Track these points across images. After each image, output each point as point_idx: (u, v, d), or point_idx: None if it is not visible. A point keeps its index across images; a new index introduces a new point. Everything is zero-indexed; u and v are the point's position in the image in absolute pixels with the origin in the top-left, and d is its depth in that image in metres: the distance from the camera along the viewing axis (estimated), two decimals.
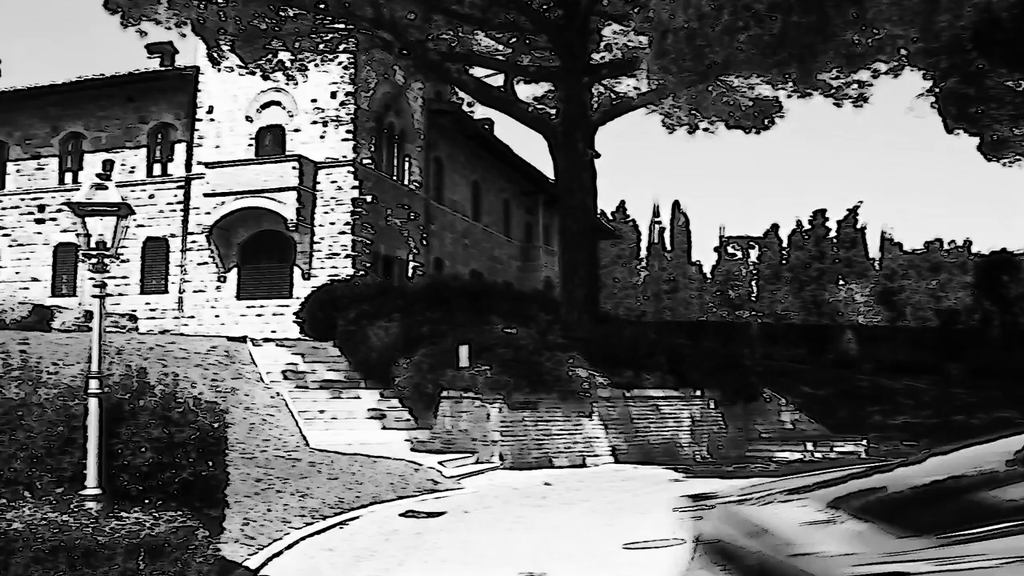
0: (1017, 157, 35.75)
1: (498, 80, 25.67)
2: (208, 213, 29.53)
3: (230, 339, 22.06)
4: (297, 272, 29.32)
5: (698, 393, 20.64)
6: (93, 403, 6.51)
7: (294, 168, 28.73)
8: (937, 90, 32.22)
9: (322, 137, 29.50)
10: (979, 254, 53.75)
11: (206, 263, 30.02)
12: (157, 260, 31.50)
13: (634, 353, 19.81)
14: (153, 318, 30.44)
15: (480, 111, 35.74)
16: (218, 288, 29.99)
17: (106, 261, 6.87)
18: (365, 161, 29.89)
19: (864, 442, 20.07)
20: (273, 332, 27.33)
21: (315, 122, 29.34)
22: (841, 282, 70.89)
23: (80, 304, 28.27)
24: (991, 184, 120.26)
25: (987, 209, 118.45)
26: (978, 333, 39.51)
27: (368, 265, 29.67)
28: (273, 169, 29.02)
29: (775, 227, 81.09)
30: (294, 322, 25.83)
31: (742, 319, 60.07)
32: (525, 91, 38.31)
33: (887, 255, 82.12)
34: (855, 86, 22.42)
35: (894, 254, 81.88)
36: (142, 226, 31.12)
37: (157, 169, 32.12)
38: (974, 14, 22.58)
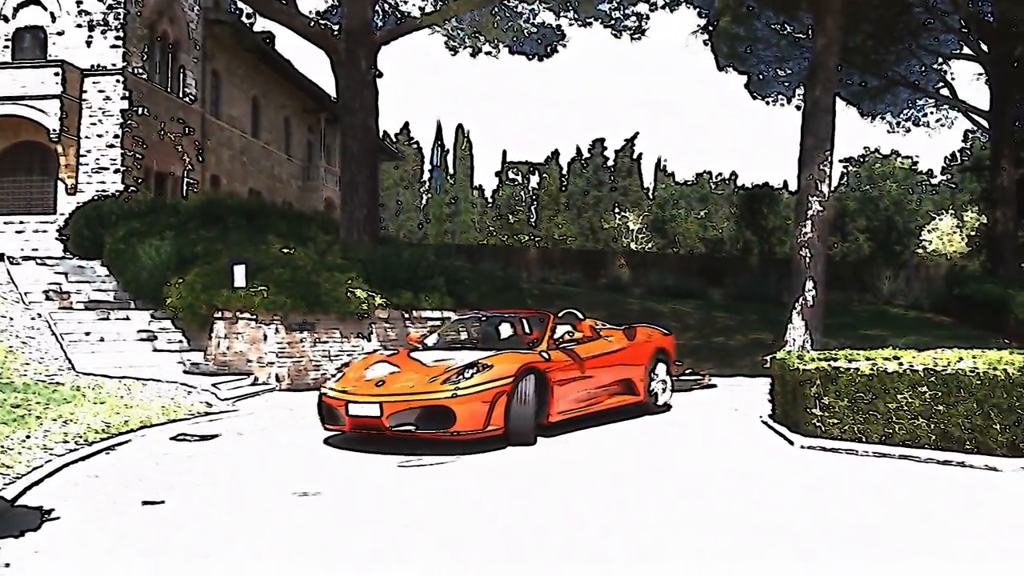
0: (780, 97, 37.91)
1: None
2: None
3: None
4: (61, 187, 27.70)
5: None
6: None
7: (56, 75, 26.93)
8: (711, 28, 33.62)
9: (88, 43, 27.72)
10: (743, 187, 56.82)
11: None
12: None
13: (413, 275, 19.92)
14: None
15: (261, 23, 34.53)
16: None
17: None
18: (136, 71, 28.36)
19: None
20: (35, 250, 25.86)
21: (80, 26, 27.51)
22: (617, 210, 73.30)
23: None
24: (757, 121, 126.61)
25: (752, 144, 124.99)
26: (739, 261, 41.95)
27: (139, 181, 28.36)
28: (33, 75, 27.09)
29: (555, 154, 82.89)
30: (57, 239, 24.53)
31: (521, 243, 61.33)
32: (308, 4, 37.39)
33: (660, 185, 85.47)
34: (633, 18, 23.04)
35: (667, 184, 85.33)
36: None
37: None
38: None
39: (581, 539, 6.23)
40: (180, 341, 18.07)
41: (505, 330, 12.70)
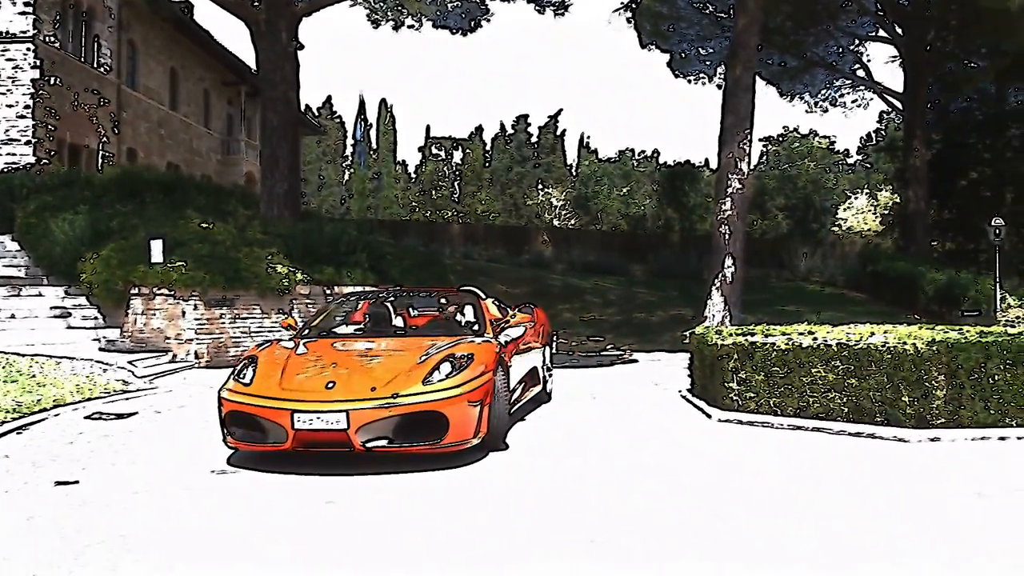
0: (702, 75, 38.29)
1: None
2: None
3: None
4: None
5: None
6: None
7: None
8: (634, 6, 33.76)
9: None
10: (665, 164, 57.37)
11: None
12: None
13: (335, 250, 19.78)
14: None
15: None
16: None
17: None
18: (48, 39, 27.55)
19: (554, 337, 21.06)
20: None
21: None
22: (540, 186, 73.43)
23: None
24: (679, 99, 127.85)
25: (675, 122, 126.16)
26: (661, 238, 42.43)
27: (52, 153, 27.64)
28: None
29: (479, 130, 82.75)
30: None
31: (444, 219, 61.20)
32: None
33: (584, 161, 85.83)
34: None
35: (590, 161, 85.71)
36: None
37: None
38: None
39: (535, 531, 6.28)
40: (95, 318, 17.71)
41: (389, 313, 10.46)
